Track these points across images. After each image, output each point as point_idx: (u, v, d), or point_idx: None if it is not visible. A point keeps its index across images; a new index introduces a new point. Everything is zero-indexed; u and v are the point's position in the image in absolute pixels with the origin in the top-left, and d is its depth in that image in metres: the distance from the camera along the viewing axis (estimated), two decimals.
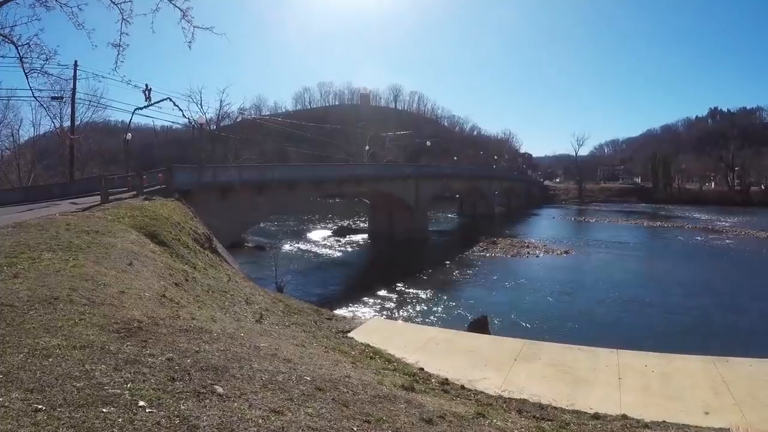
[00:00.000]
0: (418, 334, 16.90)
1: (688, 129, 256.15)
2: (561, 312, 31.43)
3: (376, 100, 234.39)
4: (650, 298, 35.65)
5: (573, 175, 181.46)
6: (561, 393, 11.62)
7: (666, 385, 12.66)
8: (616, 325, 28.67)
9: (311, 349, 10.84)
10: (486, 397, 10.81)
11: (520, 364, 13.41)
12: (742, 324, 29.64)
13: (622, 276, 43.74)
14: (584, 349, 15.29)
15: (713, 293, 37.55)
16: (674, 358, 14.91)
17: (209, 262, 20.19)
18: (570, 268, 47.13)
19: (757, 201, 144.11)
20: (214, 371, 6.06)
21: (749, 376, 13.46)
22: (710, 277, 44.09)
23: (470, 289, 38.11)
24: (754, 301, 35.39)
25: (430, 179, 76.89)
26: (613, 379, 12.79)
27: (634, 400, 11.55)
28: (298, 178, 47.29)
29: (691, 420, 10.37)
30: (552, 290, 37.16)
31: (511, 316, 29.56)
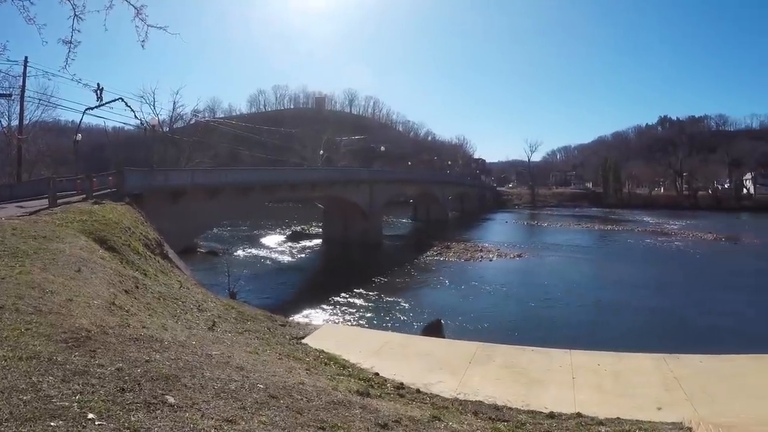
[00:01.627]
0: (372, 338, 16.87)
1: (639, 136, 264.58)
2: (514, 314, 31.80)
3: (331, 104, 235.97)
4: (602, 299, 36.38)
5: (526, 180, 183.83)
6: (516, 394, 11.73)
7: (619, 382, 12.91)
8: (569, 325, 29.13)
9: (265, 356, 10.73)
10: (441, 400, 10.84)
11: (474, 367, 13.48)
12: (691, 322, 30.53)
13: (574, 278, 44.47)
14: (538, 350, 15.48)
15: (663, 293, 38.52)
16: (626, 356, 15.24)
17: (160, 269, 19.82)
18: (523, 271, 47.72)
19: (705, 205, 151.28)
20: (165, 381, 5.93)
21: (699, 371, 13.84)
22: (660, 278, 45.23)
23: (424, 293, 38.26)
24: (702, 300, 36.59)
25: (384, 184, 77.11)
26: (567, 378, 12.97)
27: (588, 398, 11.75)
28: (251, 182, 46.62)
29: (644, 416, 10.59)
30: (505, 293, 37.57)
31: (465, 319, 29.79)
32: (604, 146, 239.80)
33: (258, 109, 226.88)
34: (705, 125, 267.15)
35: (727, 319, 31.51)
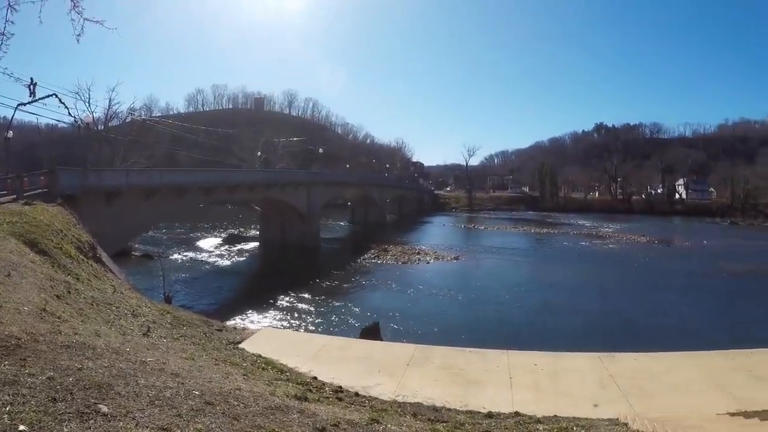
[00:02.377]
0: (310, 342, 16.76)
1: (575, 142, 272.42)
2: (452, 316, 32.07)
3: (270, 105, 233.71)
4: (538, 300, 37.02)
5: (464, 184, 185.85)
6: (454, 395, 11.84)
7: (556, 381, 13.19)
8: (506, 326, 29.52)
9: (201, 362, 10.53)
10: (380, 402, 10.84)
11: (413, 369, 13.57)
12: (626, 321, 31.42)
13: (511, 280, 45.10)
14: (475, 351, 15.64)
15: (599, 294, 39.49)
16: (562, 356, 15.54)
17: (93, 273, 19.27)
18: (460, 274, 48.14)
19: (638, 209, 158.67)
20: (98, 389, 5.75)
21: (634, 369, 14.29)
22: (595, 279, 46.34)
23: (362, 296, 38.23)
24: (636, 300, 37.72)
25: (322, 186, 76.80)
26: (504, 378, 13.17)
27: (526, 397, 11.98)
28: (188, 184, 45.70)
29: (581, 413, 10.86)
30: (443, 295, 37.85)
31: (403, 322, 29.90)
32: (541, 151, 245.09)
33: (196, 109, 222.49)
34: (640, 133, 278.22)
35: (659, 318, 32.62)
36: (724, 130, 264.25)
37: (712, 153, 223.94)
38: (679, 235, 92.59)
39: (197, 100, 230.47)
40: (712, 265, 56.80)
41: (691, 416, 10.67)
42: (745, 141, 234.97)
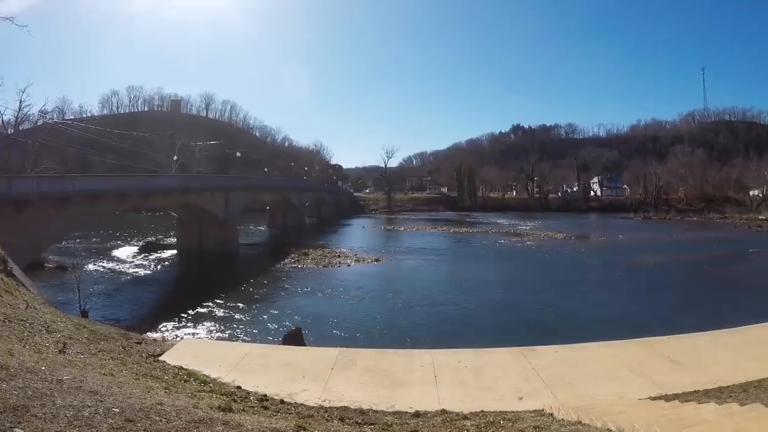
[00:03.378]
0: (232, 351, 16.41)
1: (492, 143, 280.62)
2: (375, 318, 32.07)
3: (187, 107, 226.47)
4: (459, 298, 37.46)
5: (382, 185, 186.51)
6: (380, 396, 11.84)
7: (480, 377, 13.38)
8: (429, 326, 29.73)
9: (120, 378, 10.19)
10: (306, 408, 10.75)
11: (337, 373, 13.47)
12: (546, 315, 32.17)
13: (432, 279, 45.55)
14: (399, 351, 15.73)
15: (519, 290, 40.38)
16: (485, 352, 15.74)
17: (5, 288, 18.40)
18: (381, 275, 48.25)
19: (554, 207, 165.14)
20: (12, 412, 5.48)
21: (555, 360, 14.69)
22: (515, 276, 47.35)
23: (284, 302, 37.74)
24: (555, 294, 38.75)
25: (240, 191, 75.38)
26: (430, 377, 13.26)
27: (452, 394, 12.09)
28: (102, 190, 43.79)
29: (507, 406, 11.05)
30: (365, 297, 37.84)
31: (326, 326, 29.72)
32: (459, 152, 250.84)
33: (110, 111, 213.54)
34: (555, 133, 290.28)
35: (578, 310, 33.65)
36: (637, 130, 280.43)
37: (625, 152, 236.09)
38: (595, 231, 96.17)
39: (112, 102, 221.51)
40: (627, 258, 59.23)
41: (613, 403, 10.98)
42: (656, 140, 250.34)
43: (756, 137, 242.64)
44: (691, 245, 74.06)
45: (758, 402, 9.52)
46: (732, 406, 9.08)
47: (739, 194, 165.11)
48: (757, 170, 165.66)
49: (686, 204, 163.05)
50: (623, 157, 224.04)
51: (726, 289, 43.27)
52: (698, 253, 63.37)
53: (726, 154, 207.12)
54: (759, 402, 9.52)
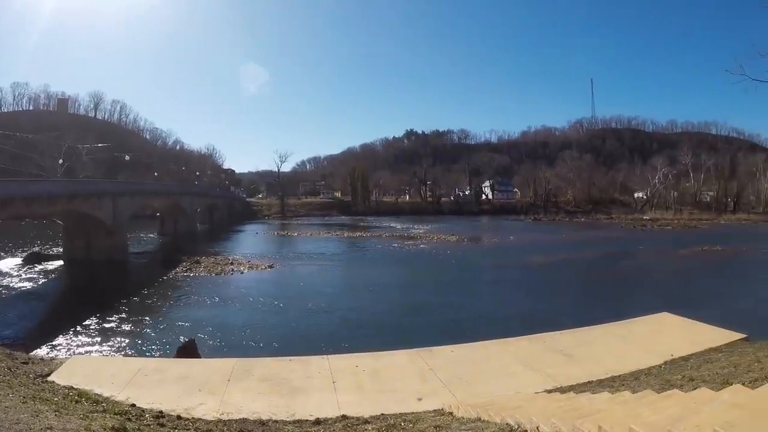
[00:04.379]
0: (125, 367, 15.76)
1: (386, 147, 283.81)
2: (270, 326, 31.68)
3: (75, 106, 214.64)
4: (356, 303, 37.58)
5: (276, 190, 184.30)
6: (279, 406, 11.72)
7: (379, 380, 13.50)
8: (325, 331, 29.65)
9: (7, 402, 9.61)
10: (205, 423, 10.50)
11: (234, 384, 13.22)
12: (441, 317, 32.72)
13: (327, 285, 45.49)
14: (296, 359, 15.61)
15: (414, 292, 40.94)
16: (382, 355, 15.92)
17: None
18: (276, 282, 47.77)
19: (447, 210, 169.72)
20: None
21: (452, 360, 15.01)
22: (409, 279, 48.03)
23: (176, 312, 36.68)
24: (450, 295, 39.51)
25: (129, 196, 72.62)
26: (328, 383, 13.25)
27: (351, 399, 12.13)
28: None
29: (406, 408, 11.21)
30: (259, 305, 37.34)
31: (220, 336, 29.13)
32: (353, 157, 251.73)
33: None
34: (448, 138, 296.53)
35: (473, 310, 34.49)
36: (527, 137, 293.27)
37: (516, 157, 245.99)
38: (488, 233, 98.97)
39: None
40: (519, 258, 61.32)
41: (511, 398, 11.29)
42: (546, 146, 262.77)
43: (640, 144, 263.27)
44: (580, 245, 77.87)
45: (649, 388, 10.04)
46: (624, 394, 9.52)
47: (624, 196, 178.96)
48: (641, 174, 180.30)
49: (575, 206, 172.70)
50: (514, 162, 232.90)
51: (614, 285, 45.77)
52: (587, 252, 66.83)
53: (612, 159, 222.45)
54: (650, 388, 10.04)
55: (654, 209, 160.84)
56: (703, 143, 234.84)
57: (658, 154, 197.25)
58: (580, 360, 15.34)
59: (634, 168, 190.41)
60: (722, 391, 7.63)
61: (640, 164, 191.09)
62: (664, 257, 63.38)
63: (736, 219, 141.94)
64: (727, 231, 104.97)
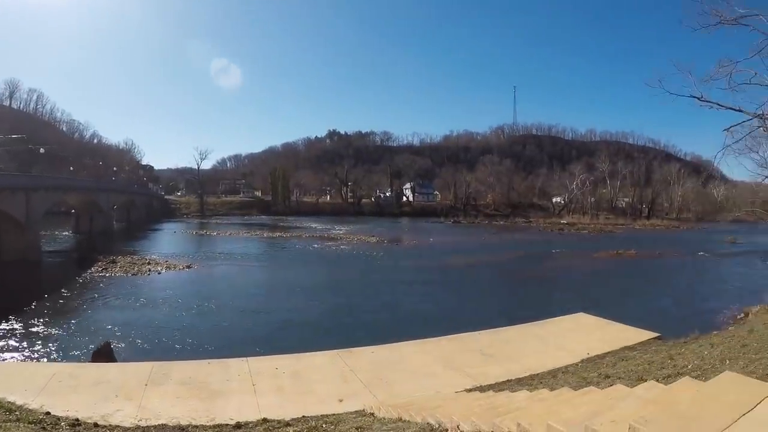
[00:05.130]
0: (38, 372, 15.17)
1: (308, 147, 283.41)
2: (187, 327, 31.06)
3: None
4: (275, 303, 37.30)
5: (195, 188, 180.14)
6: (199, 410, 11.64)
7: (299, 382, 13.60)
8: (244, 333, 29.31)
9: None
10: (123, 430, 10.33)
11: (152, 389, 13.02)
12: (361, 317, 32.86)
13: (246, 286, 44.98)
14: (215, 362, 15.53)
15: (334, 293, 40.88)
16: (303, 356, 16.00)
17: None
18: (194, 282, 46.90)
19: (368, 211, 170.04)
20: None
21: (372, 361, 15.21)
22: (330, 279, 47.94)
23: (91, 314, 35.45)
24: (369, 296, 39.76)
25: (44, 192, 69.55)
26: (248, 386, 13.25)
27: (272, 402, 12.21)
28: None
29: (328, 409, 11.34)
30: (177, 306, 36.58)
31: (137, 339, 28.38)
32: (275, 156, 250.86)
33: None
34: (371, 140, 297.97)
35: (393, 311, 34.74)
36: (449, 140, 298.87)
37: (438, 160, 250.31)
38: (408, 234, 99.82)
39: None
40: (438, 259, 62.20)
41: (431, 398, 11.53)
42: (468, 150, 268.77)
43: (560, 150, 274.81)
44: (498, 247, 79.51)
45: (566, 386, 10.43)
46: (542, 392, 9.86)
47: (542, 201, 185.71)
48: (559, 180, 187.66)
49: (494, 209, 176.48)
50: (436, 165, 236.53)
51: (532, 286, 47.03)
52: (506, 254, 68.38)
53: (532, 165, 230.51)
54: (567, 386, 10.43)
55: (571, 214, 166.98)
56: (620, 152, 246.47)
57: (577, 160, 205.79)
58: (499, 359, 15.78)
59: (553, 174, 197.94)
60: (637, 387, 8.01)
61: (558, 170, 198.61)
62: (581, 260, 65.43)
63: (650, 224, 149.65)
64: (641, 236, 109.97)
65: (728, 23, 26.25)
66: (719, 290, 44.39)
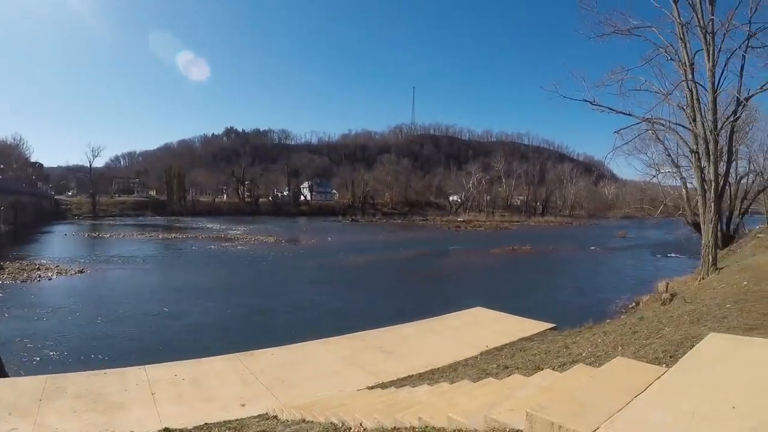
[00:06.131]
0: None
1: (205, 145, 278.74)
2: (81, 336, 29.90)
3: None
4: (173, 308, 36.42)
5: (87, 188, 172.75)
6: (98, 424, 11.30)
7: (200, 388, 13.44)
8: (141, 339, 28.49)
9: None
10: None
11: (48, 404, 12.43)
12: (261, 318, 32.55)
13: (141, 290, 43.70)
14: (111, 372, 15.11)
15: (232, 295, 40.32)
16: (202, 362, 15.81)
17: None
18: (87, 288, 45.17)
19: (265, 211, 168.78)
20: None
21: (273, 363, 15.25)
22: (227, 281, 47.26)
23: None
24: (267, 297, 39.40)
25: None
26: (147, 395, 12.97)
27: (172, 410, 11.98)
28: None
29: (230, 415, 11.29)
30: (69, 314, 35.11)
31: (28, 351, 27.04)
32: (170, 153, 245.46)
33: None
34: (268, 138, 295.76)
35: (292, 311, 34.58)
36: (348, 139, 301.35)
37: (336, 159, 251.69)
38: (306, 234, 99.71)
39: None
40: (337, 258, 62.41)
41: (334, 397, 11.66)
42: (366, 149, 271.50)
43: (456, 150, 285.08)
44: (397, 245, 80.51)
45: (466, 378, 10.79)
46: (443, 386, 10.16)
47: (440, 199, 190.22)
48: (456, 179, 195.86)
49: (392, 208, 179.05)
50: (334, 164, 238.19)
51: (431, 282, 47.91)
52: (404, 252, 69.44)
53: (429, 164, 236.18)
54: (467, 378, 10.79)
55: (468, 212, 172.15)
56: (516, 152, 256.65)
57: (473, 160, 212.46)
58: (400, 356, 16.09)
59: (450, 173, 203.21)
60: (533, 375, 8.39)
61: (455, 170, 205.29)
62: (478, 256, 67.30)
63: (544, 221, 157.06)
64: (535, 232, 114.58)
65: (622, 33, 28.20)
66: (611, 282, 46.90)
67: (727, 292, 16.07)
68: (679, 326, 11.71)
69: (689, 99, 26.62)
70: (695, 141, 27.01)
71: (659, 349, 9.35)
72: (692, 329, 10.74)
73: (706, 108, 26.28)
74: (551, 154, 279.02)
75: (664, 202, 56.78)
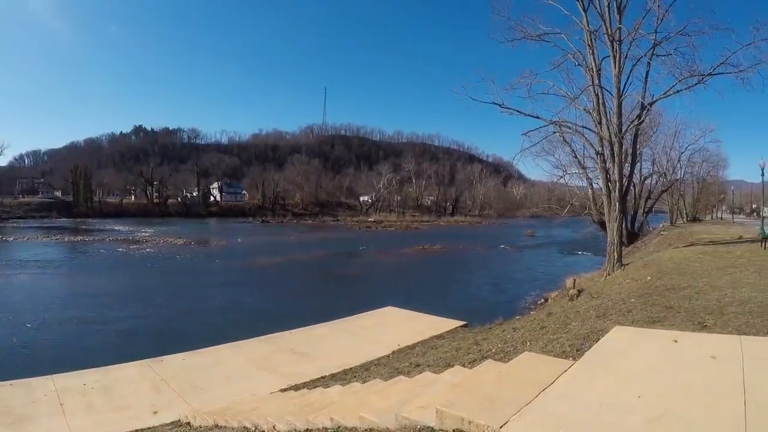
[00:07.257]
0: None
1: (112, 144, 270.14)
2: None
3: None
4: (80, 313, 35.15)
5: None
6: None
7: (110, 397, 13.13)
8: (49, 349, 27.50)
9: None
10: None
11: None
12: (170, 323, 31.78)
13: (45, 296, 41.93)
14: (17, 382, 14.57)
15: (140, 299, 39.21)
16: (112, 369, 15.51)
17: None
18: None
19: (174, 212, 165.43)
20: None
21: (184, 368, 15.10)
22: (136, 285, 45.92)
23: None
24: (176, 301, 38.51)
25: None
26: (56, 407, 12.57)
27: (83, 422, 11.65)
28: None
29: (142, 423, 11.14)
30: None
31: None
32: (77, 152, 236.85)
33: None
34: (178, 137, 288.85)
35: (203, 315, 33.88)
36: (258, 139, 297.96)
37: (246, 159, 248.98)
38: (216, 236, 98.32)
39: None
40: (247, 259, 61.83)
41: (246, 401, 11.67)
42: (276, 149, 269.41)
43: (367, 151, 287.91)
44: (307, 246, 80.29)
45: (378, 377, 11.03)
46: (354, 385, 10.35)
47: (350, 200, 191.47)
48: (367, 179, 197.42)
49: (302, 208, 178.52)
50: (244, 164, 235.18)
51: (341, 283, 48.04)
52: (314, 253, 69.31)
53: (340, 165, 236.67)
54: (379, 377, 11.02)
55: (379, 212, 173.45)
56: (426, 153, 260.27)
57: (384, 161, 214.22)
58: (312, 357, 16.21)
59: (361, 173, 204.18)
60: (444, 372, 8.67)
61: (366, 170, 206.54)
62: (389, 256, 67.88)
63: (454, 221, 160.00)
64: (446, 231, 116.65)
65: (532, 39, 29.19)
66: (521, 279, 47.97)
67: (632, 287, 16.90)
68: (585, 321, 12.26)
69: (595, 103, 27.87)
70: (601, 143, 28.25)
71: (566, 343, 9.78)
72: (598, 323, 11.28)
73: (611, 112, 27.58)
74: (461, 155, 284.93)
75: (571, 202, 58.83)
